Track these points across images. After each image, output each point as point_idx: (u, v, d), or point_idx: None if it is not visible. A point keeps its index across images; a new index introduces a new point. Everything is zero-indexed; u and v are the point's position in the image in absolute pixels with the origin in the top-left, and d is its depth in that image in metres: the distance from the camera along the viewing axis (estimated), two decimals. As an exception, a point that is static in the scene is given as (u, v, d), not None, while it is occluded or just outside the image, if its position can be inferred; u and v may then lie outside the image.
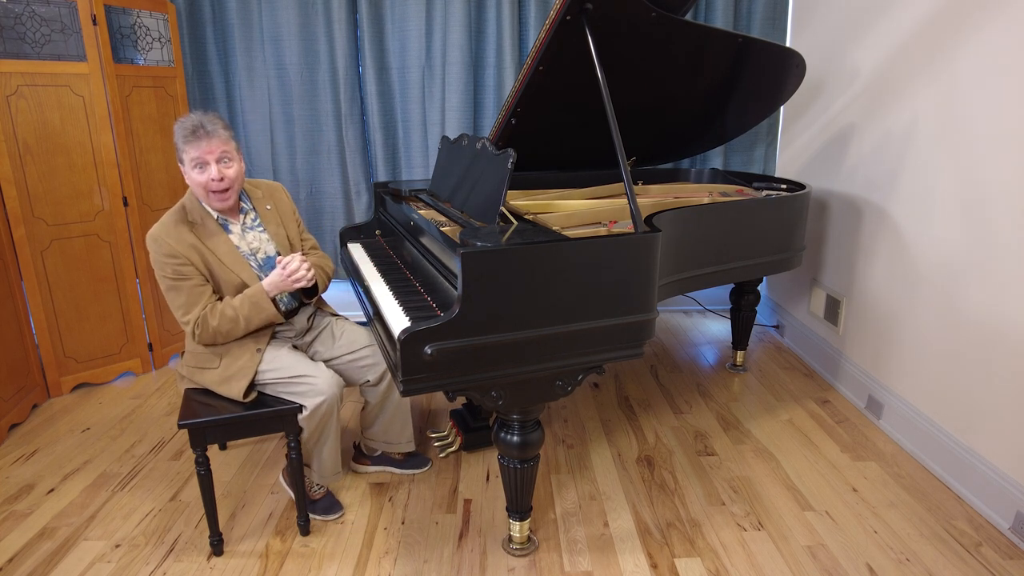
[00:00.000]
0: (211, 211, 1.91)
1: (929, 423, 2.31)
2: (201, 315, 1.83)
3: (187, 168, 1.85)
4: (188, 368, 1.97)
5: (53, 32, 2.63)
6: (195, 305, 1.83)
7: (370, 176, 3.62)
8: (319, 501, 2.07)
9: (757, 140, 3.64)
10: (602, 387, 3.00)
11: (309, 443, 1.97)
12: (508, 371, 1.64)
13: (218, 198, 1.87)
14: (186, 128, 1.82)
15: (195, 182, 1.85)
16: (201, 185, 1.85)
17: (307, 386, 1.88)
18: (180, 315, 1.85)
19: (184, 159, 1.84)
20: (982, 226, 2.08)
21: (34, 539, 1.98)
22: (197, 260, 1.84)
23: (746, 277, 2.59)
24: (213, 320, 1.83)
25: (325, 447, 2.00)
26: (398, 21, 3.36)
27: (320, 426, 1.93)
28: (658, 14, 2.08)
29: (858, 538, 1.95)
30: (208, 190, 1.85)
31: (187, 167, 1.84)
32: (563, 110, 2.43)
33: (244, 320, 1.85)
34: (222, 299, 1.88)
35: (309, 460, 2.04)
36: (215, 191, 1.86)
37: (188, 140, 1.81)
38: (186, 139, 1.81)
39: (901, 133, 2.48)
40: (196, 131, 1.81)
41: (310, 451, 2.01)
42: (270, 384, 1.91)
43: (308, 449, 2.00)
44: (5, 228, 2.65)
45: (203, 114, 1.85)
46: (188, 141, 1.81)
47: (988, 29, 2.05)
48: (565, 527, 2.01)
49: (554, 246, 1.62)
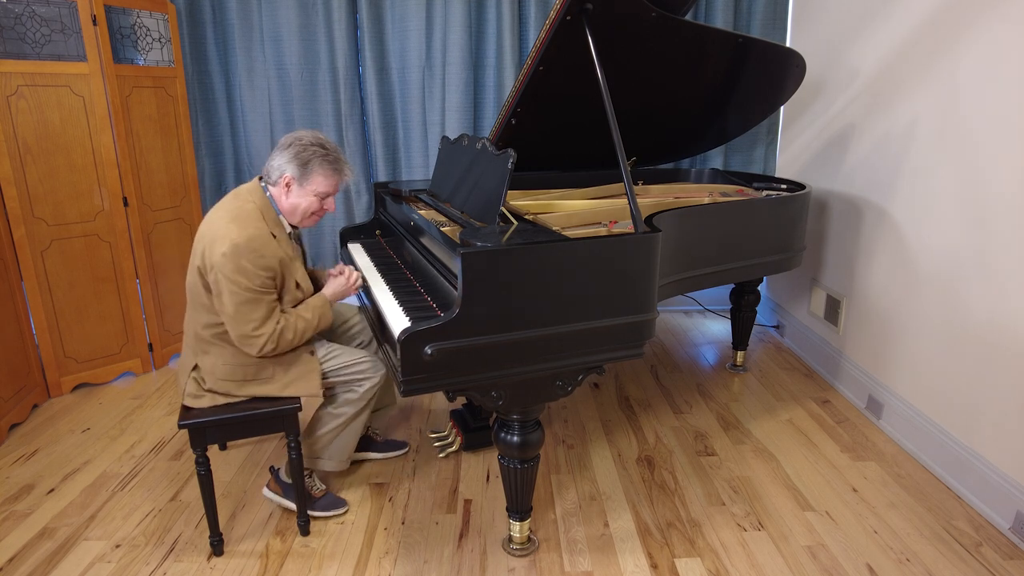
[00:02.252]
0: (285, 223, 1.89)
1: (929, 423, 2.31)
2: (276, 330, 1.76)
3: (304, 189, 1.82)
4: (225, 384, 1.84)
5: (53, 32, 2.63)
6: (268, 319, 1.76)
7: (370, 176, 3.62)
8: (321, 499, 2.07)
9: (757, 140, 3.64)
10: (602, 387, 3.00)
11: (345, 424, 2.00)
12: (508, 371, 1.64)
13: (313, 221, 1.91)
14: (334, 159, 1.83)
15: (308, 205, 1.84)
16: (311, 211, 1.86)
17: (363, 367, 1.96)
18: (251, 328, 1.74)
19: (311, 181, 1.81)
20: (982, 226, 2.08)
21: (34, 539, 1.98)
22: (281, 276, 1.80)
23: (746, 277, 2.59)
24: (289, 333, 1.80)
25: (356, 428, 2.05)
26: (398, 21, 3.36)
27: (366, 404, 2.01)
28: (658, 14, 2.08)
29: (858, 538, 1.95)
30: (314, 217, 1.88)
31: (306, 189, 1.82)
32: (563, 110, 2.43)
33: (314, 329, 1.87)
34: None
35: (328, 449, 2.04)
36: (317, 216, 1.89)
37: (335, 170, 1.83)
38: (333, 168, 1.83)
39: (901, 133, 2.48)
40: (342, 166, 1.85)
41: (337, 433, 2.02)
42: (331, 374, 1.95)
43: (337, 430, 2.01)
44: (5, 228, 2.65)
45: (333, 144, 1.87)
46: (335, 171, 1.84)
47: (988, 29, 2.05)
48: (565, 527, 2.01)
49: (554, 246, 1.62)
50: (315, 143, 1.82)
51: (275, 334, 1.77)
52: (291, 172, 1.81)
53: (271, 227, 1.81)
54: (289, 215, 1.87)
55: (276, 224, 1.84)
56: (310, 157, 1.80)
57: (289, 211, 1.86)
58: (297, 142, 1.82)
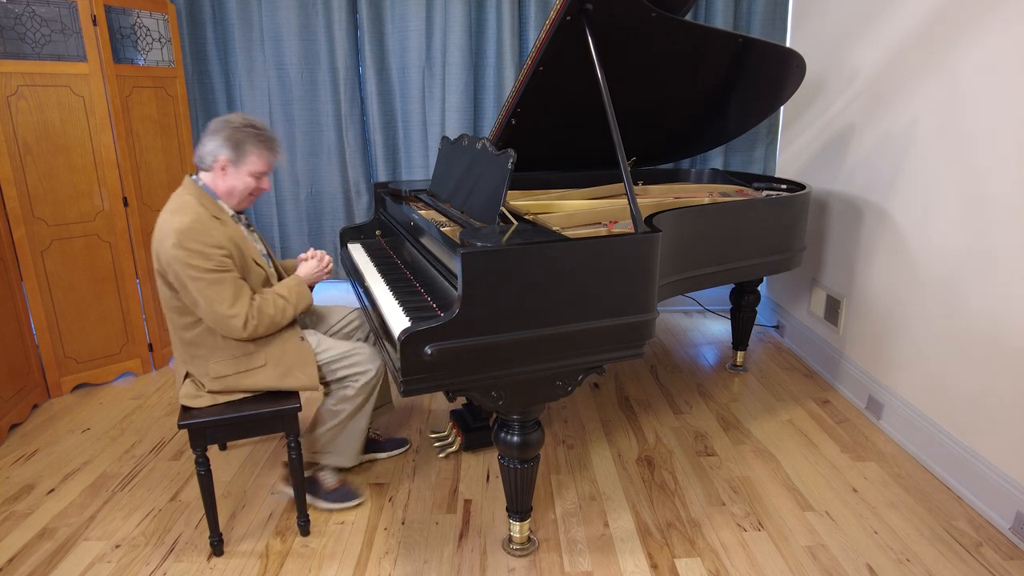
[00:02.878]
0: (226, 208, 1.89)
1: (929, 423, 2.31)
2: (253, 305, 1.78)
3: (240, 170, 1.84)
4: (222, 381, 1.84)
5: (53, 32, 2.63)
6: (240, 296, 1.76)
7: (370, 176, 3.62)
8: (337, 490, 2.09)
9: (757, 140, 3.64)
10: (602, 387, 3.00)
11: (348, 418, 2.01)
12: (508, 371, 1.64)
13: (250, 201, 1.93)
14: (266, 137, 1.85)
15: (245, 185, 1.86)
16: (248, 191, 1.87)
17: (357, 359, 1.97)
18: (226, 308, 1.74)
19: (246, 162, 1.83)
20: (982, 226, 2.08)
21: (34, 539, 1.98)
22: (236, 255, 1.80)
23: (746, 277, 2.59)
24: (268, 308, 1.81)
25: (360, 424, 2.05)
26: (398, 21, 3.37)
27: (365, 399, 2.01)
28: (658, 14, 2.08)
29: (858, 538, 1.95)
30: (252, 196, 1.90)
31: (241, 169, 1.84)
32: (563, 110, 2.43)
33: (293, 308, 1.87)
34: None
35: (332, 445, 2.05)
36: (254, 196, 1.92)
37: (268, 148, 1.85)
38: (266, 146, 1.85)
39: (901, 133, 2.48)
40: (274, 144, 1.87)
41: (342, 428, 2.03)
42: (327, 367, 1.96)
43: (341, 424, 2.02)
44: (5, 228, 2.65)
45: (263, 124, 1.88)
46: (268, 149, 1.85)
47: (988, 29, 2.05)
48: (565, 527, 2.01)
49: (554, 246, 1.61)
50: (247, 124, 1.83)
51: (254, 309, 1.78)
52: (225, 154, 1.82)
53: (212, 212, 1.81)
54: (227, 197, 1.87)
55: (217, 209, 1.84)
56: (243, 138, 1.82)
57: (226, 193, 1.87)
58: (228, 125, 1.82)
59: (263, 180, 1.90)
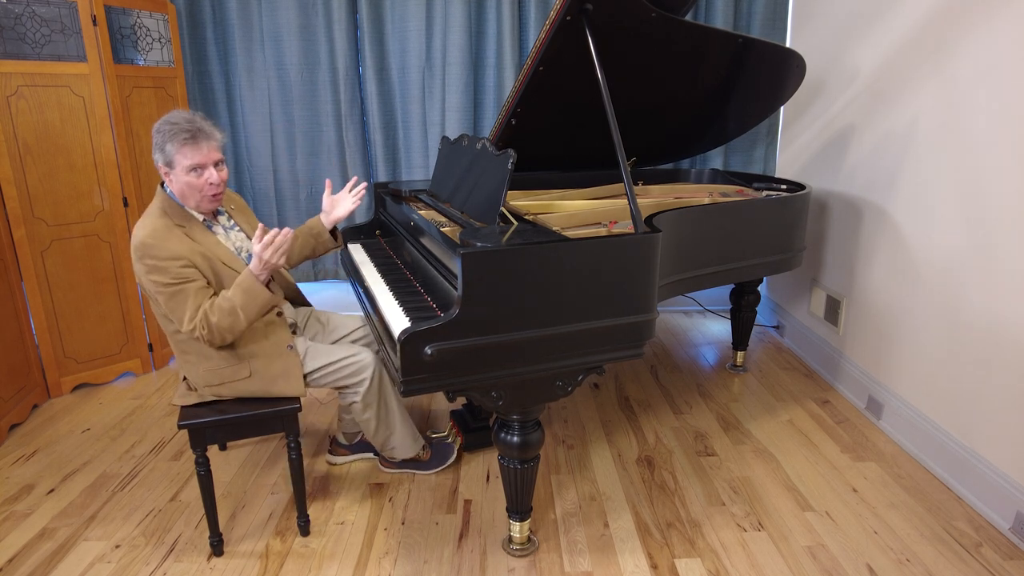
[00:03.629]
0: (195, 214, 1.84)
1: (929, 423, 2.31)
2: (201, 313, 1.71)
3: (177, 171, 1.76)
4: (211, 388, 1.85)
5: (53, 32, 2.63)
6: (200, 307, 1.73)
7: (370, 176, 3.62)
8: (432, 458, 2.27)
9: (757, 140, 3.64)
10: (602, 387, 3.00)
11: (378, 423, 2.07)
12: (508, 371, 1.64)
13: (212, 201, 1.83)
14: (182, 130, 1.73)
15: (189, 185, 1.77)
16: (197, 188, 1.78)
17: (354, 365, 1.97)
18: (187, 321, 1.71)
19: (175, 162, 1.74)
20: (982, 226, 2.08)
21: (34, 539, 1.98)
22: (201, 263, 1.76)
23: (746, 277, 2.59)
24: (213, 315, 1.71)
25: (397, 418, 2.10)
26: (398, 21, 3.37)
27: (383, 398, 2.05)
28: (658, 14, 2.08)
29: (858, 538, 1.95)
30: (204, 194, 1.79)
31: (177, 170, 1.75)
32: (563, 110, 2.43)
33: (241, 309, 1.73)
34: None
35: (384, 444, 2.14)
36: (212, 195, 1.81)
37: (186, 143, 1.73)
38: (184, 142, 1.73)
39: (901, 133, 2.48)
40: (195, 135, 1.74)
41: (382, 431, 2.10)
42: (317, 377, 1.96)
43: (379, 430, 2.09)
44: (5, 228, 2.65)
45: (192, 114, 1.77)
46: (186, 144, 1.73)
47: (988, 29, 2.05)
48: (565, 527, 2.01)
49: (554, 246, 1.61)
50: (164, 124, 1.75)
51: (201, 319, 1.71)
52: (160, 161, 1.78)
53: (177, 220, 1.78)
54: (187, 200, 1.81)
55: (183, 216, 1.80)
56: (161, 140, 1.74)
57: (182, 197, 1.81)
58: (155, 133, 1.76)
59: (205, 172, 1.78)
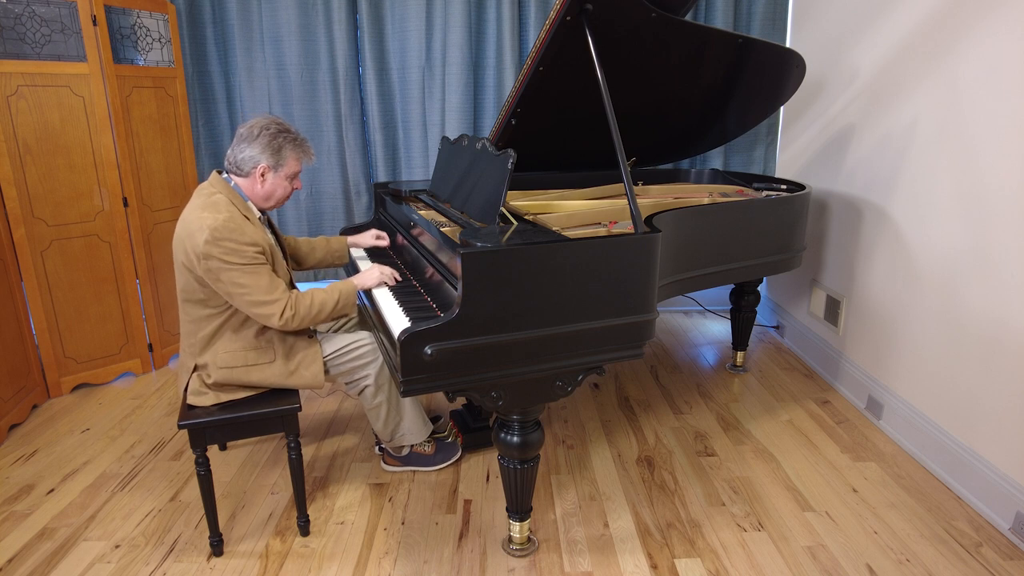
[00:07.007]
0: (255, 209, 1.92)
1: (929, 423, 2.31)
2: (292, 295, 1.81)
3: (279, 175, 1.88)
4: (225, 371, 1.85)
5: (53, 32, 2.63)
6: (277, 288, 1.79)
7: (370, 176, 3.62)
8: (437, 453, 2.29)
9: (757, 140, 3.64)
10: (602, 387, 3.00)
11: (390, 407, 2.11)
12: (508, 371, 1.64)
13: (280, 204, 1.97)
14: (302, 141, 1.91)
15: (282, 188, 1.91)
16: (285, 192, 1.92)
17: (364, 347, 2.02)
18: (264, 295, 1.76)
19: (286, 166, 1.88)
20: (982, 226, 2.08)
21: (34, 539, 1.98)
22: (268, 252, 1.84)
23: (746, 277, 2.59)
24: (305, 299, 1.83)
25: (408, 400, 2.12)
26: (398, 21, 3.37)
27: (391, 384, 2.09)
28: (658, 15, 2.08)
29: (858, 539, 1.95)
30: (285, 197, 1.94)
31: (279, 174, 1.88)
32: (563, 110, 2.43)
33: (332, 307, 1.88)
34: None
35: (393, 433, 2.17)
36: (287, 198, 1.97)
37: (304, 151, 1.91)
38: (302, 150, 1.90)
39: (901, 133, 2.48)
40: (307, 146, 1.92)
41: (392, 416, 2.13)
42: (333, 360, 1.99)
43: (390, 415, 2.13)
44: (5, 228, 2.65)
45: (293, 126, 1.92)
46: (304, 152, 1.91)
47: (988, 29, 2.05)
48: (565, 527, 2.01)
49: (554, 247, 1.61)
50: (282, 130, 1.87)
51: (292, 299, 1.81)
52: (266, 162, 1.85)
53: (243, 212, 1.84)
54: (264, 201, 1.91)
55: (247, 209, 1.87)
56: (282, 144, 1.86)
57: (264, 197, 1.90)
58: (264, 131, 1.85)
59: (296, 181, 1.96)
